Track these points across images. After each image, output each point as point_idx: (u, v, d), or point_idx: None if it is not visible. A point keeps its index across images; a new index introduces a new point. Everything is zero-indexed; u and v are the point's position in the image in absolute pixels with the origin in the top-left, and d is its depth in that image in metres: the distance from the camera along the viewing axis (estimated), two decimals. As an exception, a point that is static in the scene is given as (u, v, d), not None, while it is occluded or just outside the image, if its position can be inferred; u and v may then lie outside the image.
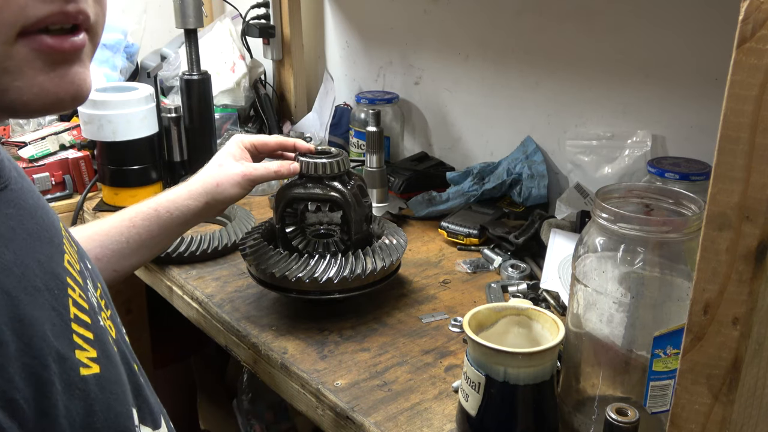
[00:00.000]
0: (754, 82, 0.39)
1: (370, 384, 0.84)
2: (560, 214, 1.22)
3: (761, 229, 0.41)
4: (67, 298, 0.54)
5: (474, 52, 1.42)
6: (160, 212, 0.93)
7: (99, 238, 0.91)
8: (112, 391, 0.55)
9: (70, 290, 0.55)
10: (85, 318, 0.55)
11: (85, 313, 0.56)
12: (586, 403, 0.75)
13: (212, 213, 0.97)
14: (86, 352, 0.53)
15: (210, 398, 1.84)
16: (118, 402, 0.56)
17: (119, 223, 0.92)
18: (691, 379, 0.46)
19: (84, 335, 0.54)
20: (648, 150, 1.15)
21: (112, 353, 0.58)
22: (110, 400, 0.54)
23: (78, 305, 0.55)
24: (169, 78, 1.66)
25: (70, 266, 0.57)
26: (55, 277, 0.53)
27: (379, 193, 1.31)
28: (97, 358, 0.54)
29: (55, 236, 0.57)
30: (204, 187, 0.94)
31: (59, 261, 0.56)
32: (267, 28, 1.69)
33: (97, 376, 0.53)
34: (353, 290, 0.95)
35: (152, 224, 0.92)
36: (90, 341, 0.55)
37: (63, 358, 0.50)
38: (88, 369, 0.53)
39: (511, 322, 0.77)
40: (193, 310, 1.07)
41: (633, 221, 0.67)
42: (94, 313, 0.58)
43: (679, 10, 1.08)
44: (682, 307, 0.67)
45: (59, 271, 0.55)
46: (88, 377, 0.52)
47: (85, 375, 0.52)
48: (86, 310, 0.56)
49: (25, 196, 0.55)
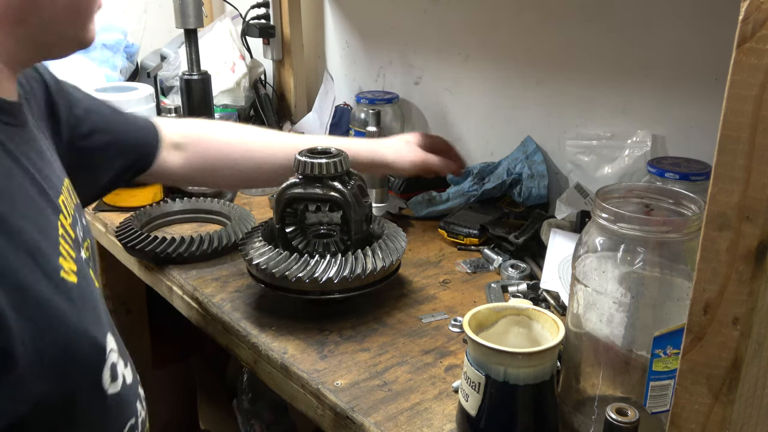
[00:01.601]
0: (754, 82, 0.39)
1: (370, 384, 0.84)
2: (560, 214, 1.22)
3: (761, 229, 0.41)
4: (57, 219, 0.65)
5: (474, 52, 1.42)
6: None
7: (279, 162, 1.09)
8: (86, 304, 0.63)
9: (61, 216, 0.66)
10: (69, 240, 0.65)
11: (70, 239, 0.66)
12: (586, 403, 0.75)
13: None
14: (68, 263, 0.63)
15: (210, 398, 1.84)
16: (90, 316, 0.63)
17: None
18: (691, 379, 0.46)
19: (68, 250, 0.64)
20: (648, 150, 1.15)
21: (90, 279, 0.67)
22: (82, 310, 0.62)
23: (65, 228, 0.65)
24: (169, 78, 1.67)
25: (63, 205, 0.68)
26: (48, 200, 0.65)
27: (379, 193, 1.31)
28: (76, 272, 0.63)
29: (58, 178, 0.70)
30: (380, 155, 1.15)
31: (56, 195, 0.67)
32: (267, 28, 1.69)
33: (74, 285, 0.62)
34: (353, 290, 0.95)
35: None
36: (72, 257, 0.64)
37: (47, 257, 0.60)
38: (68, 275, 0.62)
39: (511, 322, 0.77)
40: (193, 310, 1.07)
41: (633, 221, 0.67)
42: (76, 245, 0.67)
43: (679, 10, 1.08)
44: (682, 307, 0.67)
45: (52, 197, 0.66)
46: (67, 282, 0.61)
47: (64, 278, 0.61)
48: (71, 237, 0.66)
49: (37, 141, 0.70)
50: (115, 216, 1.32)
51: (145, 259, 1.16)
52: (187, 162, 1.06)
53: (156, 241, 1.14)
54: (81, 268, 0.65)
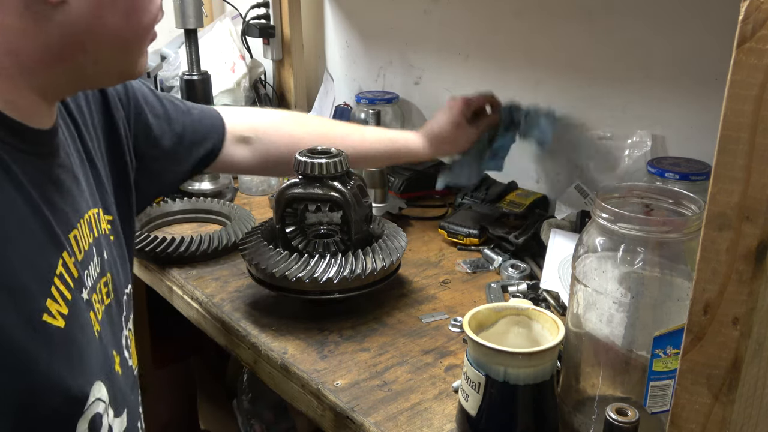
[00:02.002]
0: (754, 82, 0.39)
1: (370, 384, 0.84)
2: (560, 214, 1.22)
3: (761, 229, 0.41)
4: (58, 258, 0.61)
5: (474, 52, 1.42)
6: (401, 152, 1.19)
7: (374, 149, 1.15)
8: (69, 352, 0.60)
9: (65, 253, 0.62)
10: (69, 281, 0.61)
11: (71, 279, 0.62)
12: (586, 403, 0.75)
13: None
14: (58, 306, 0.59)
15: (210, 398, 1.84)
16: (70, 364, 0.60)
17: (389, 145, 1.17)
18: (691, 379, 0.46)
19: (62, 292, 0.60)
20: (648, 150, 1.15)
21: (87, 324, 0.63)
22: (61, 359, 0.58)
23: (67, 268, 0.61)
24: (169, 78, 1.66)
25: (74, 241, 0.64)
26: (53, 236, 0.61)
27: (379, 193, 1.31)
28: (66, 315, 0.60)
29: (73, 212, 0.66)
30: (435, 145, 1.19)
31: (65, 230, 0.63)
32: (267, 28, 1.69)
33: (59, 330, 0.58)
34: (353, 290, 0.95)
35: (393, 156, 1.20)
36: (66, 300, 0.60)
37: (31, 297, 0.56)
38: (53, 319, 0.58)
39: (511, 322, 0.77)
40: (193, 310, 1.07)
41: (633, 221, 0.67)
42: (79, 285, 0.63)
43: (679, 10, 1.08)
44: (682, 307, 0.67)
45: (60, 232, 0.62)
46: (49, 326, 0.58)
47: (46, 321, 0.57)
48: (73, 277, 0.62)
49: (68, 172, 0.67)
50: (115, 216, 1.32)
51: (145, 259, 1.16)
52: (254, 155, 1.07)
53: (156, 241, 1.14)
54: (75, 312, 0.61)
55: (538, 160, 1.37)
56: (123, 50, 0.64)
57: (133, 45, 0.65)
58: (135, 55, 0.66)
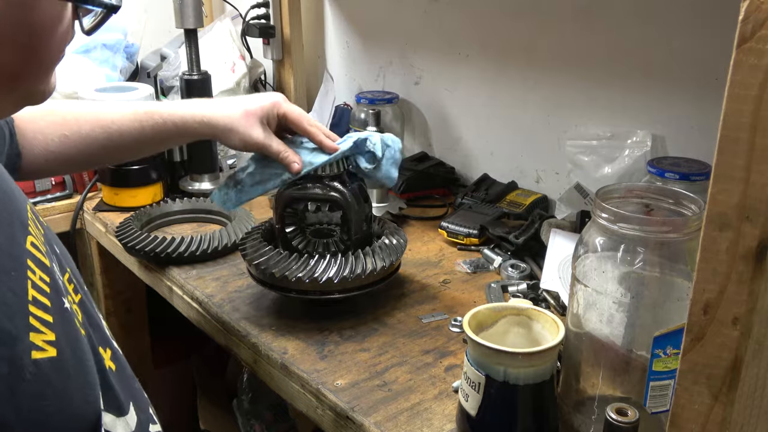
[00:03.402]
0: (754, 82, 0.39)
1: (370, 384, 0.84)
2: (560, 214, 1.22)
3: (761, 229, 0.41)
4: (26, 280, 0.54)
5: (474, 52, 1.42)
6: (168, 125, 0.96)
7: (111, 132, 0.96)
8: (71, 374, 0.55)
9: (29, 272, 0.55)
10: (45, 301, 0.55)
11: (46, 296, 0.56)
12: (586, 403, 0.75)
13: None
14: (42, 335, 0.53)
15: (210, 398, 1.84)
16: (76, 386, 0.56)
17: (130, 123, 0.96)
18: (691, 379, 0.46)
19: (42, 318, 0.54)
20: (648, 150, 1.15)
21: (78, 336, 0.58)
22: (67, 384, 0.54)
23: (37, 287, 0.55)
24: (169, 78, 1.66)
25: (34, 248, 0.58)
26: (14, 258, 0.54)
27: (379, 193, 1.31)
28: (55, 341, 0.54)
29: (17, 218, 0.58)
30: (216, 121, 0.96)
31: (21, 242, 0.56)
32: (267, 28, 1.69)
33: (52, 359, 0.53)
34: (353, 290, 0.95)
35: (158, 133, 0.97)
36: (49, 324, 0.55)
37: (14, 339, 0.51)
38: (43, 352, 0.53)
39: (511, 322, 0.77)
40: (193, 310, 1.07)
41: (633, 221, 0.67)
42: (57, 296, 0.58)
43: (679, 10, 1.08)
44: (682, 307, 0.67)
45: (19, 253, 0.55)
46: (41, 361, 0.52)
47: (37, 358, 0.52)
48: (47, 293, 0.56)
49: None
50: (115, 216, 1.32)
51: (145, 259, 1.16)
52: (113, 152, 0.98)
53: (156, 241, 1.14)
54: (63, 329, 0.56)
55: (538, 160, 1.37)
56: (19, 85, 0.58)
57: (32, 80, 0.59)
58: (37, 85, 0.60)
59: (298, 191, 0.97)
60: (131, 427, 0.63)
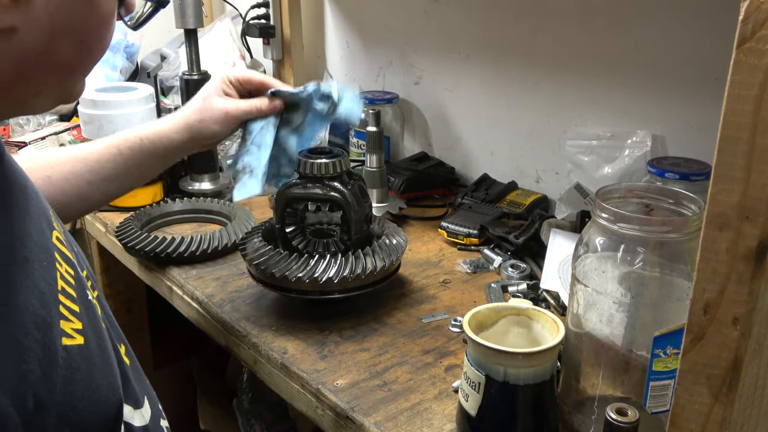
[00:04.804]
0: (754, 82, 0.39)
1: (370, 384, 0.84)
2: (560, 214, 1.22)
3: (761, 229, 0.41)
4: (55, 271, 0.56)
5: (474, 52, 1.42)
6: (144, 143, 0.95)
7: (90, 164, 0.94)
8: (96, 363, 0.57)
9: (57, 264, 0.57)
10: (72, 292, 0.57)
11: (72, 288, 0.58)
12: (586, 403, 0.75)
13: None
14: (71, 323, 0.55)
15: (210, 398, 1.84)
16: (101, 374, 0.57)
17: (107, 150, 0.95)
18: (691, 379, 0.46)
19: (70, 307, 0.56)
20: (648, 150, 1.15)
21: (100, 327, 0.60)
22: (93, 371, 0.56)
23: (65, 279, 0.57)
24: (169, 78, 1.67)
25: (59, 242, 0.60)
26: (45, 250, 0.56)
27: (379, 193, 1.31)
28: (82, 330, 0.56)
29: (44, 213, 0.60)
30: (186, 121, 0.96)
31: (49, 236, 0.58)
32: (267, 28, 1.69)
33: (80, 347, 0.55)
34: (353, 290, 0.95)
35: (137, 153, 0.96)
36: (76, 314, 0.57)
37: (48, 325, 0.52)
38: (72, 339, 0.55)
39: (511, 322, 0.77)
40: (193, 310, 1.07)
41: (633, 221, 0.67)
42: (82, 288, 0.60)
43: (680, 10, 1.08)
44: (682, 307, 0.67)
45: (49, 246, 0.57)
46: (71, 347, 0.54)
47: (67, 345, 0.54)
48: (72, 285, 0.58)
49: (16, 174, 0.59)
50: (115, 216, 1.32)
51: (145, 259, 1.16)
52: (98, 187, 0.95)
53: (156, 241, 1.14)
54: (89, 320, 0.58)
55: (538, 160, 1.37)
56: (67, 80, 0.59)
57: (79, 75, 0.60)
58: (78, 82, 0.61)
59: (298, 191, 0.97)
60: (146, 420, 0.65)
